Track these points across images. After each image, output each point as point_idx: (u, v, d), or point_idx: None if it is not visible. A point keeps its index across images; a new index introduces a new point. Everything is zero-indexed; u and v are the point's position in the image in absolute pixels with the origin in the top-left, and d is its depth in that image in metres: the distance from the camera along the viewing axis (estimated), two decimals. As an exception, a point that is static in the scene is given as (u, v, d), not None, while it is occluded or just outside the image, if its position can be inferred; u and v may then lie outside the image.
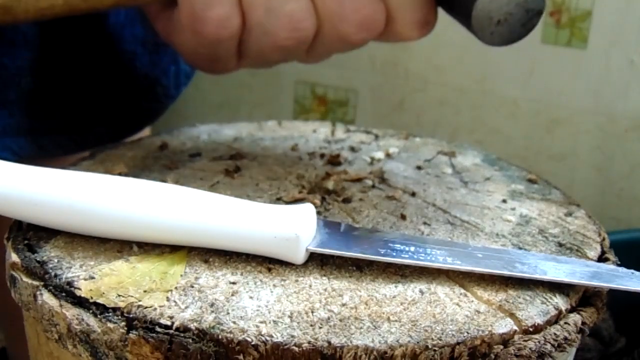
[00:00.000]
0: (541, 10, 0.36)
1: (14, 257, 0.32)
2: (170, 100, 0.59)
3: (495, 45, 0.37)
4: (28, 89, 0.50)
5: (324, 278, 0.31)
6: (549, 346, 0.28)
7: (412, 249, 0.32)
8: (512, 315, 0.29)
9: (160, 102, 0.58)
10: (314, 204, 0.37)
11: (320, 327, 0.27)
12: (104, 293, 0.29)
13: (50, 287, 0.30)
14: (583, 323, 0.30)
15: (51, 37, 0.50)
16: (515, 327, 0.28)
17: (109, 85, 0.54)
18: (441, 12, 0.40)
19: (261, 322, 0.27)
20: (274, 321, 0.27)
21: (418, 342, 0.27)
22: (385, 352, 0.26)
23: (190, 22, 0.38)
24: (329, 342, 0.26)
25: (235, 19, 0.37)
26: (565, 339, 0.29)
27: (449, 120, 0.95)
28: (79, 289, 0.29)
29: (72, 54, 0.52)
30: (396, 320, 0.28)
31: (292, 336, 0.27)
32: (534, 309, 0.29)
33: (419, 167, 0.44)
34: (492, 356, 0.27)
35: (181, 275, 0.30)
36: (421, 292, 0.30)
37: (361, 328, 0.27)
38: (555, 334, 0.29)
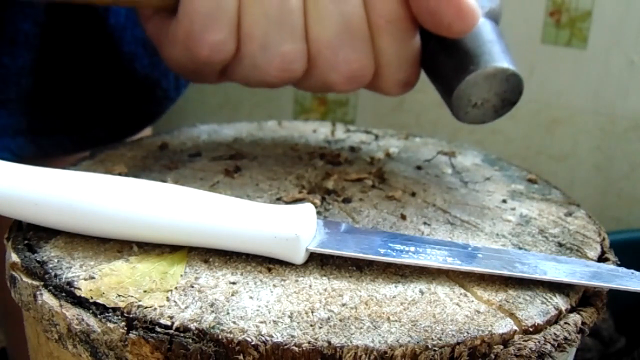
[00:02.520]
0: (516, 101, 0.37)
1: (14, 257, 0.32)
2: (170, 102, 0.59)
3: (464, 122, 0.38)
4: (28, 88, 0.50)
5: (324, 278, 0.31)
6: (549, 346, 0.28)
7: (412, 249, 0.32)
8: (512, 315, 0.29)
9: (160, 104, 0.58)
10: (314, 204, 0.37)
11: (320, 327, 0.27)
12: (104, 293, 0.29)
13: (50, 287, 0.30)
14: (583, 323, 0.30)
15: (52, 38, 0.50)
16: (515, 327, 0.28)
17: (109, 86, 0.54)
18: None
19: (261, 322, 0.27)
20: (274, 321, 0.27)
21: (418, 342, 0.27)
22: (385, 352, 0.26)
23: (186, 39, 0.38)
24: (329, 342, 0.26)
25: (230, 46, 0.38)
26: (565, 339, 0.29)
27: (449, 120, 0.95)
28: (79, 289, 0.29)
29: (72, 55, 0.52)
30: (396, 320, 0.28)
31: (292, 336, 0.27)
32: (534, 309, 0.29)
33: (419, 167, 0.44)
34: (492, 356, 0.27)
35: (181, 275, 0.30)
36: (421, 292, 0.30)
37: (361, 328, 0.27)
38: (555, 334, 0.29)
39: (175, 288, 0.29)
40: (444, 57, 0.38)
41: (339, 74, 0.38)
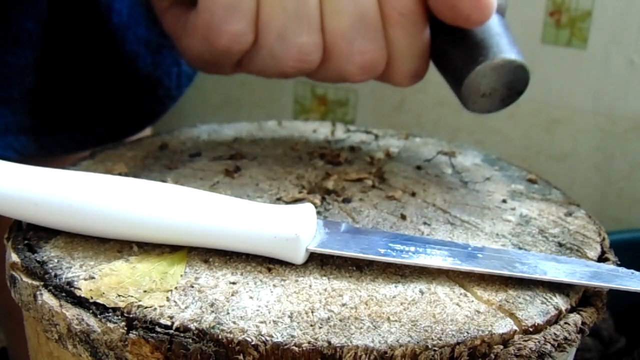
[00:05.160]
0: (522, 91, 0.39)
1: (14, 257, 0.32)
2: (172, 101, 0.59)
3: (473, 112, 0.40)
4: (31, 87, 0.50)
5: (324, 278, 0.31)
6: (549, 346, 0.28)
7: (412, 249, 0.32)
8: (512, 315, 0.29)
9: (162, 103, 0.58)
10: (314, 204, 0.37)
11: (320, 327, 0.27)
12: (104, 293, 0.29)
13: (50, 287, 0.30)
14: (583, 323, 0.30)
15: (55, 37, 0.50)
16: (515, 327, 0.28)
17: (111, 85, 0.54)
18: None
19: (261, 322, 0.27)
20: (274, 321, 0.27)
21: (418, 342, 0.27)
22: (385, 352, 0.26)
23: (205, 30, 0.39)
24: (329, 342, 0.26)
25: (249, 37, 0.39)
26: (565, 339, 0.29)
27: (449, 120, 0.95)
28: (79, 289, 0.29)
29: (75, 54, 0.52)
30: (396, 320, 0.28)
31: (292, 336, 0.27)
32: (534, 309, 0.29)
33: (419, 167, 0.44)
34: (492, 356, 0.27)
35: (181, 275, 0.30)
36: (421, 292, 0.30)
37: (361, 328, 0.27)
38: (555, 334, 0.29)
39: (175, 288, 0.29)
40: (453, 49, 0.39)
41: (353, 64, 0.39)
